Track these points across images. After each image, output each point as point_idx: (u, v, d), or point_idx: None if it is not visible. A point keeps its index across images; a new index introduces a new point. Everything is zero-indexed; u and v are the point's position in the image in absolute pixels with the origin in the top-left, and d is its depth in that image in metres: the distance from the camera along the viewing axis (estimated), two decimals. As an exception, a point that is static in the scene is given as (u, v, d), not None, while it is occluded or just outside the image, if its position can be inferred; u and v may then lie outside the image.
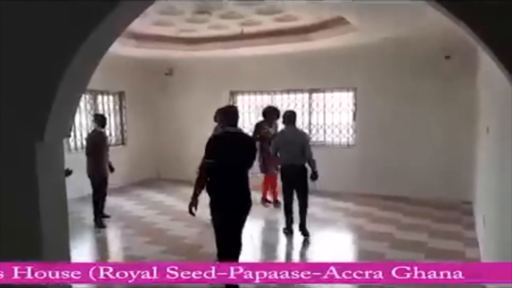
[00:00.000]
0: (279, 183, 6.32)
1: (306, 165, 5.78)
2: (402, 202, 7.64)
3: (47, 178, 2.34)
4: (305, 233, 5.84)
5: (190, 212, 3.96)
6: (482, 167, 5.52)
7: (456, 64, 7.41)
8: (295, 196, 5.95)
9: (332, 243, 5.83)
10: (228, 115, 4.14)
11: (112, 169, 6.68)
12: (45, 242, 2.33)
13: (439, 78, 7.64)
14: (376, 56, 8.06)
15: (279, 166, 6.13)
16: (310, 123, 9.03)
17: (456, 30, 1.61)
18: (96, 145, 6.40)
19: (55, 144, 2.42)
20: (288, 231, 6.00)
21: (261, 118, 7.68)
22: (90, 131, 7.05)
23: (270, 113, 7.43)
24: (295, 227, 5.97)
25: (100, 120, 6.57)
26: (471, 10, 1.46)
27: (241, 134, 4.22)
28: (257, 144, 5.83)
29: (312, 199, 7.28)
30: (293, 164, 5.75)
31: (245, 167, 4.08)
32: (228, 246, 4.05)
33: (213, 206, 3.97)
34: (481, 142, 5.68)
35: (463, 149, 7.40)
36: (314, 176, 5.77)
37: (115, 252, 5.78)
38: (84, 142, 7.01)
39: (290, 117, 5.95)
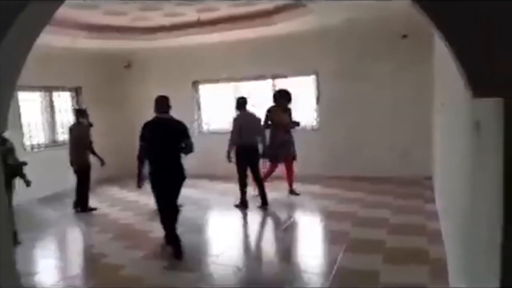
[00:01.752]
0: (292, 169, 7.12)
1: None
2: (366, 181, 7.78)
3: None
4: (266, 203, 6.58)
5: (139, 186, 4.95)
6: (438, 142, 5.68)
7: (413, 43, 7.54)
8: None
9: (298, 225, 5.92)
10: (158, 103, 4.84)
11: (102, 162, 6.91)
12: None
13: (397, 57, 7.77)
14: (336, 38, 8.11)
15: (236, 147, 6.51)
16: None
17: (413, 10, 1.61)
18: (80, 137, 6.77)
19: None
20: (243, 206, 6.56)
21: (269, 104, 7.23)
22: (71, 124, 7.32)
23: (281, 96, 7.06)
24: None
25: (81, 113, 6.97)
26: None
27: (170, 119, 4.86)
28: (268, 131, 6.78)
29: (279, 184, 7.40)
30: (250, 144, 6.40)
31: (173, 146, 4.75)
32: (166, 213, 4.84)
33: (151, 180, 4.75)
34: (437, 118, 5.83)
35: (422, 126, 7.59)
36: (263, 154, 6.62)
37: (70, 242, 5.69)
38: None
39: (242, 102, 6.56)
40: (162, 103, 4.85)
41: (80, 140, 6.77)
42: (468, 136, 2.32)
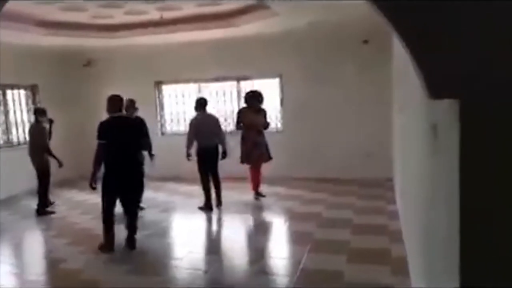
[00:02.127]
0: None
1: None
2: (330, 183, 7.88)
3: None
4: (220, 202, 6.63)
5: (91, 186, 4.86)
6: (397, 144, 5.82)
7: (374, 48, 7.72)
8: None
9: (263, 226, 5.93)
10: (111, 102, 4.89)
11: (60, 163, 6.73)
12: None
13: (358, 62, 7.93)
14: (299, 42, 8.18)
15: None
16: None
17: (373, 15, 1.61)
18: (38, 137, 6.68)
19: None
20: (207, 208, 6.51)
21: (243, 105, 7.23)
22: (30, 124, 7.32)
23: (251, 98, 6.99)
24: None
25: (40, 112, 6.83)
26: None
27: (124, 118, 5.00)
28: (240, 132, 6.72)
29: (243, 185, 7.37)
30: (208, 146, 6.42)
31: (129, 144, 4.83)
32: (111, 215, 4.87)
33: (104, 182, 4.79)
34: (396, 120, 5.98)
35: (383, 128, 7.77)
36: (224, 155, 6.55)
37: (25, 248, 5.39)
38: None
39: (201, 103, 6.57)
40: (115, 102, 4.88)
41: (39, 140, 6.65)
42: (426, 137, 2.37)
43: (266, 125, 7.06)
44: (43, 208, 6.74)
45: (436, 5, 1.36)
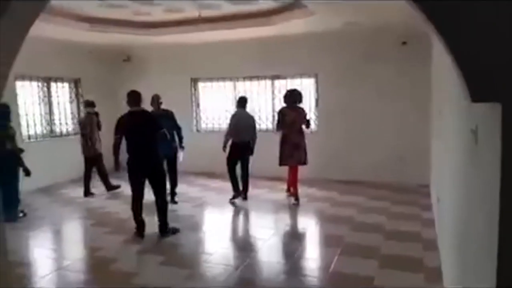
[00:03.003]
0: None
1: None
2: (363, 186, 7.74)
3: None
4: (246, 197, 6.98)
5: (116, 169, 5.40)
6: (435, 149, 5.64)
7: (413, 49, 7.52)
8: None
9: (295, 226, 5.91)
10: (130, 97, 5.22)
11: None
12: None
13: (396, 63, 7.74)
14: (335, 41, 8.07)
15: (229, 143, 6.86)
16: (273, 110, 8.96)
17: (413, 17, 1.56)
18: (89, 126, 7.34)
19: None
20: (236, 194, 6.91)
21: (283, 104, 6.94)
22: (83, 114, 7.98)
23: (290, 96, 6.76)
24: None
25: (89, 104, 7.48)
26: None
27: (142, 112, 5.23)
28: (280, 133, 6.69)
29: (278, 185, 7.38)
30: (241, 141, 6.76)
31: (143, 136, 5.11)
32: (137, 203, 5.21)
33: (128, 169, 5.18)
34: (435, 125, 5.79)
35: (419, 133, 7.56)
36: (251, 152, 6.88)
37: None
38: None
39: (242, 101, 7.01)
40: (134, 97, 5.21)
41: (90, 130, 7.34)
42: (465, 142, 2.28)
43: (307, 124, 6.74)
44: (110, 184, 7.65)
45: (480, 7, 1.31)
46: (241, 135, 6.77)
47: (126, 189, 7.37)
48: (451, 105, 3.54)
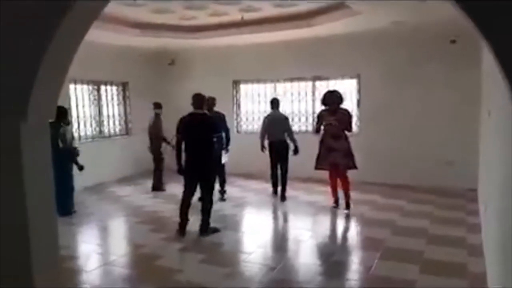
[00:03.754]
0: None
1: (288, 141, 7.07)
2: (406, 189, 7.55)
3: (32, 161, 2.33)
4: (284, 198, 7.14)
5: (178, 172, 5.43)
6: (483, 152, 5.42)
7: (462, 48, 7.25)
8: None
9: (334, 228, 5.89)
10: (193, 99, 5.41)
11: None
12: (32, 223, 2.32)
13: (444, 63, 7.49)
14: (380, 41, 7.93)
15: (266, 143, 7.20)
16: (313, 111, 8.92)
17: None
18: (155, 127, 7.81)
19: (40, 126, 2.41)
20: (273, 190, 7.35)
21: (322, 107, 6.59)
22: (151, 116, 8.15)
23: (327, 98, 6.40)
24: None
25: (157, 105, 7.93)
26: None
27: (202, 115, 5.43)
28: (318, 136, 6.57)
29: (317, 187, 7.38)
30: (275, 141, 7.07)
31: (200, 138, 5.31)
32: (186, 201, 5.41)
33: (185, 167, 5.36)
34: (483, 126, 5.57)
35: (468, 134, 7.26)
36: (296, 151, 7.00)
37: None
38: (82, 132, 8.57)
39: (275, 103, 7.28)
40: (197, 100, 5.43)
41: (155, 130, 7.81)
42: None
43: (348, 127, 6.34)
44: (158, 185, 7.97)
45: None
46: (274, 135, 7.08)
47: (170, 190, 7.68)
48: (501, 107, 3.41)
